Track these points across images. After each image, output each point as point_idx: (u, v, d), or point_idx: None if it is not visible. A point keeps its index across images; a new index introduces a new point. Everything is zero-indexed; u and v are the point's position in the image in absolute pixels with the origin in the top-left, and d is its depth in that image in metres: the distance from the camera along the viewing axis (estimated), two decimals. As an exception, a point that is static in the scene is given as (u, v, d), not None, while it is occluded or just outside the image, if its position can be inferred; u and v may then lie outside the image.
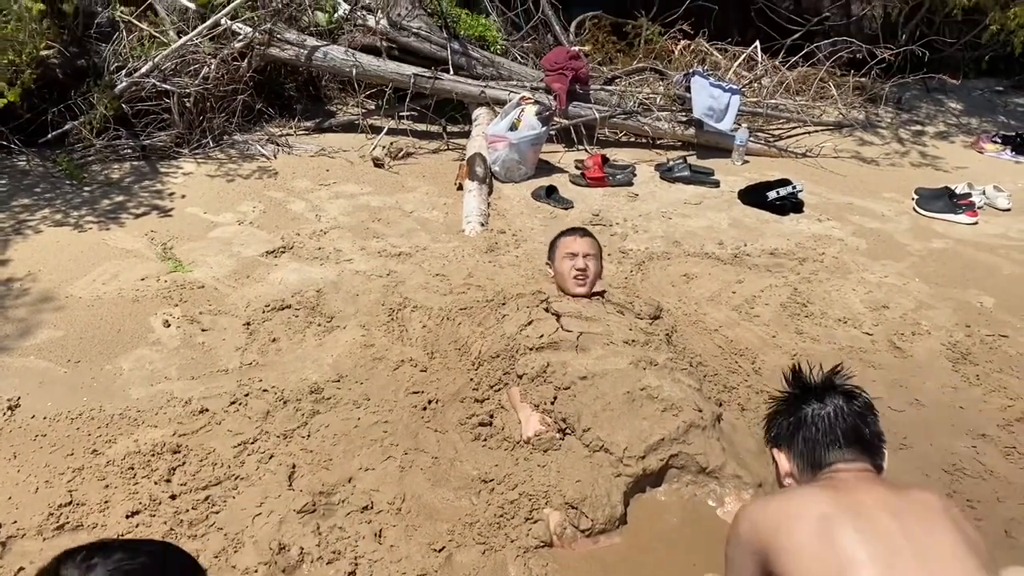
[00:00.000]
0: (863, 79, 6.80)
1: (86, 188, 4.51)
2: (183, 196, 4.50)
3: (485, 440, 2.68)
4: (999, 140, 6.42)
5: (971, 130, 6.87)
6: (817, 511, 1.53)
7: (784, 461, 1.75)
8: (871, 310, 3.78)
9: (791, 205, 4.92)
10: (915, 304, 3.87)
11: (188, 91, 5.01)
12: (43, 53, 4.64)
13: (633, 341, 2.90)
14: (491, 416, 2.76)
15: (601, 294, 3.20)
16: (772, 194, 4.91)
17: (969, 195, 5.08)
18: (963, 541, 1.47)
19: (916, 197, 5.15)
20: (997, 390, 3.21)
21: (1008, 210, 5.16)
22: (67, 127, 4.80)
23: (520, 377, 2.81)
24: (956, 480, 2.73)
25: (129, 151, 4.93)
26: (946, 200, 5.01)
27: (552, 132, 5.46)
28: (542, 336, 2.89)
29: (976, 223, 4.92)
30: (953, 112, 7.26)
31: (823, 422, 1.70)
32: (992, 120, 7.17)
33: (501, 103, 5.42)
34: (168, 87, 4.96)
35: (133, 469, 2.47)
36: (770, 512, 1.59)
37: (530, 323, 2.97)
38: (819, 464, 1.68)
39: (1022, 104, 7.64)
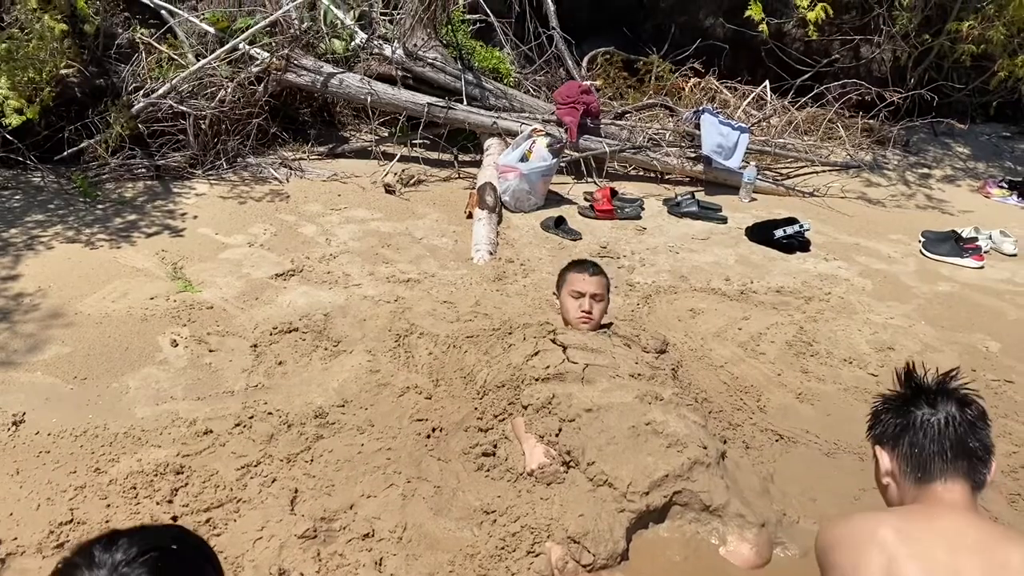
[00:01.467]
0: (871, 121, 6.86)
1: (99, 206, 4.55)
2: (195, 217, 4.53)
3: (488, 471, 2.67)
4: (1005, 185, 6.45)
5: (978, 175, 6.90)
6: (882, 536, 1.52)
7: (886, 460, 1.70)
8: (876, 351, 3.78)
9: (798, 244, 4.94)
10: (920, 347, 3.88)
11: (204, 113, 5.07)
12: (63, 72, 4.71)
13: (639, 375, 2.90)
14: (495, 446, 2.76)
15: (608, 326, 3.20)
16: (779, 232, 4.93)
17: (975, 239, 5.09)
18: None
19: (923, 240, 5.16)
20: (1002, 436, 3.20)
21: (1014, 255, 5.17)
22: (83, 145, 4.85)
23: (525, 408, 2.81)
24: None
25: (143, 171, 4.97)
26: (952, 244, 5.03)
27: (562, 164, 5.50)
28: (548, 367, 2.90)
29: (982, 267, 4.93)
30: (960, 156, 7.30)
31: (932, 429, 1.64)
32: (999, 165, 7.20)
33: (513, 134, 5.47)
34: (184, 109, 5.02)
35: (135, 488, 2.47)
36: (836, 534, 1.60)
37: (536, 353, 2.98)
38: (922, 473, 1.63)
39: (1029, 150, 7.68)
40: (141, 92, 5.07)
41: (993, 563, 1.47)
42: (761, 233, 5.02)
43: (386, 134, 5.95)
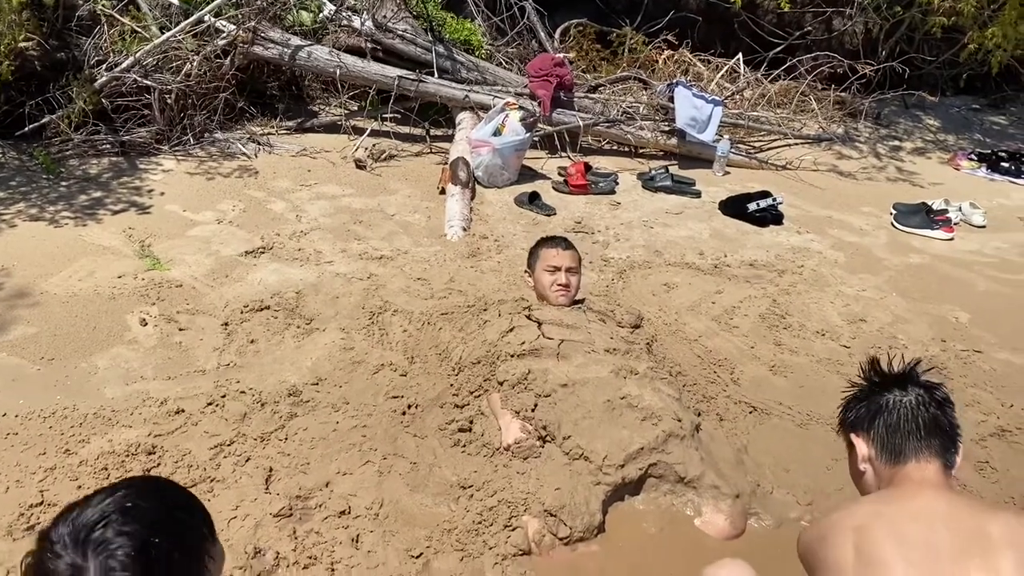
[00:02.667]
0: (843, 94, 6.87)
1: (63, 183, 4.45)
2: (162, 193, 4.45)
3: (465, 446, 2.66)
4: (975, 157, 6.51)
5: (948, 147, 6.96)
6: (857, 520, 1.56)
7: (863, 445, 1.73)
8: (848, 323, 3.82)
9: (771, 217, 4.96)
10: (892, 318, 3.92)
11: (169, 88, 4.96)
12: (21, 45, 4.58)
13: (614, 350, 2.90)
14: (471, 422, 2.75)
15: (581, 302, 3.20)
16: (752, 206, 4.94)
17: (946, 211, 5.14)
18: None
19: (894, 212, 5.21)
20: (971, 405, 3.25)
21: (983, 227, 5.23)
22: (45, 120, 4.73)
23: (501, 384, 2.80)
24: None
25: (108, 146, 4.86)
26: (923, 216, 5.07)
27: (536, 138, 5.47)
28: (523, 343, 2.89)
29: (952, 239, 4.98)
30: (931, 129, 7.36)
31: (905, 409, 1.69)
32: (968, 137, 7.27)
33: (485, 108, 5.42)
34: (149, 83, 4.91)
35: (107, 469, 2.43)
36: (814, 531, 1.64)
37: (511, 330, 2.97)
38: (897, 453, 1.67)
39: (998, 122, 7.77)
40: (104, 66, 4.95)
41: (966, 535, 1.49)
42: (735, 207, 5.04)
43: (356, 108, 5.88)
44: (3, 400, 2.73)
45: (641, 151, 5.95)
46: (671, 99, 5.82)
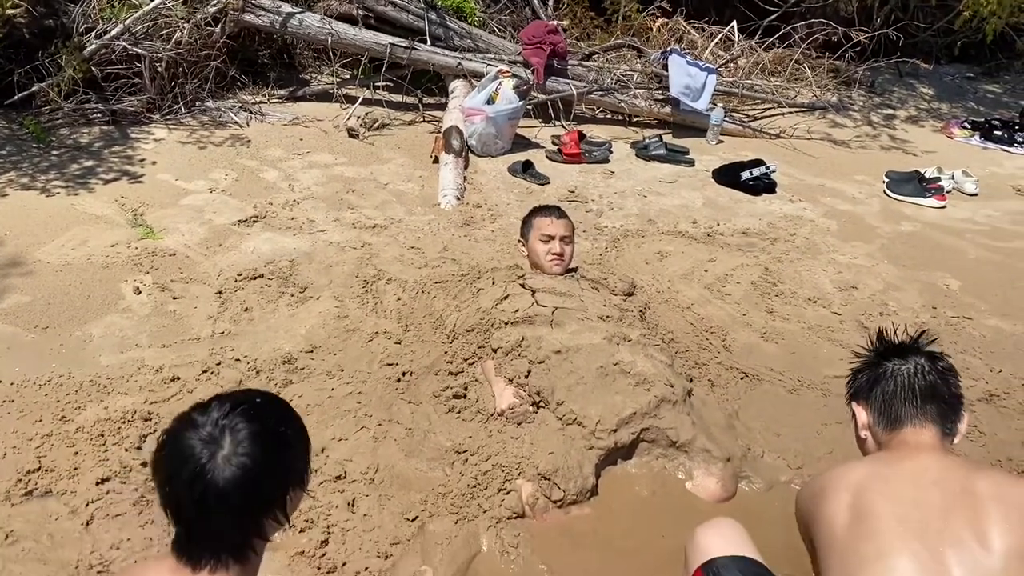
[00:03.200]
0: (838, 62, 6.85)
1: (54, 152, 4.42)
2: (154, 162, 4.43)
3: (459, 412, 2.69)
4: (968, 126, 6.51)
5: (941, 115, 6.96)
6: (851, 479, 1.58)
7: (862, 414, 1.77)
8: (840, 290, 3.84)
9: (764, 186, 4.96)
10: (883, 286, 3.94)
11: (160, 56, 4.92)
12: (9, 12, 4.52)
13: (607, 317, 2.92)
14: (465, 389, 2.77)
15: (574, 270, 3.21)
16: (745, 174, 4.94)
17: (938, 179, 5.15)
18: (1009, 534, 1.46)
19: (886, 180, 5.21)
20: (960, 370, 3.22)
21: (975, 195, 5.24)
22: (34, 89, 4.69)
23: (495, 351, 2.82)
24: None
25: (99, 115, 4.83)
26: (916, 184, 5.08)
27: (529, 107, 5.44)
28: (517, 311, 2.90)
29: (944, 207, 5.00)
30: (924, 97, 7.35)
31: (902, 376, 1.72)
32: (962, 106, 7.26)
33: (478, 76, 5.39)
34: (139, 51, 4.86)
35: (103, 436, 2.45)
36: (811, 487, 1.67)
37: (506, 298, 2.98)
38: (894, 419, 1.70)
39: (992, 91, 7.75)
40: (93, 33, 4.90)
41: (955, 492, 1.51)
42: (728, 175, 5.04)
43: (348, 76, 5.84)
44: (-1, 368, 2.74)
45: (635, 120, 5.93)
46: (665, 67, 5.80)
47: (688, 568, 1.78)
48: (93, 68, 4.81)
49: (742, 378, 3.11)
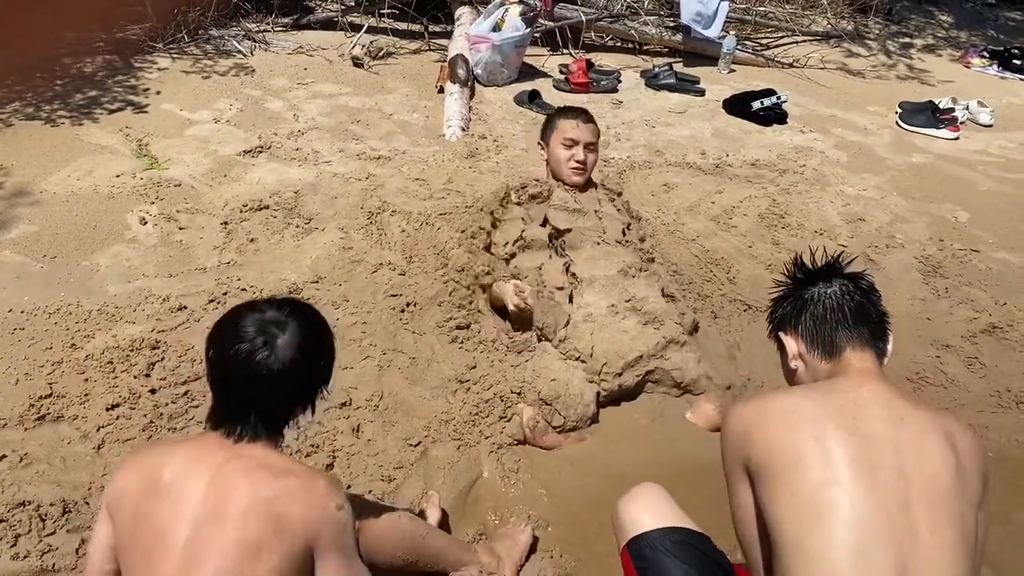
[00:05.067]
0: (855, -12, 6.68)
1: (58, 82, 4.39)
2: (158, 92, 4.39)
3: (462, 343, 2.71)
4: (987, 55, 6.36)
5: (960, 44, 6.79)
6: (805, 407, 1.48)
7: (792, 343, 1.67)
8: (847, 223, 3.82)
9: (775, 116, 4.89)
10: (891, 218, 3.91)
11: (161, -18, 4.84)
12: (7, -63, 4.45)
13: (626, 241, 2.84)
14: (468, 320, 2.78)
15: (594, 185, 3.07)
16: (756, 104, 4.87)
17: (952, 110, 5.06)
18: (954, 466, 1.41)
19: (899, 111, 5.13)
20: (964, 303, 3.29)
21: (990, 126, 5.16)
22: (35, 17, 4.63)
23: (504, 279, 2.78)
24: (919, 388, 2.82)
25: (101, 44, 4.78)
26: (929, 115, 5.00)
27: (536, 34, 5.34)
28: (526, 239, 2.84)
29: (957, 138, 4.92)
30: (943, 25, 7.17)
31: (831, 300, 1.62)
32: (981, 34, 7.09)
33: (485, 2, 5.28)
34: (140, -23, 4.79)
35: (112, 364, 2.49)
36: (753, 409, 1.53)
37: (519, 225, 2.90)
38: (829, 344, 1.61)
39: (1014, 18, 7.55)
40: (93, -41, 4.81)
41: (923, 433, 1.46)
42: (738, 105, 4.96)
43: (352, 3, 5.73)
44: (9, 296, 2.78)
45: (645, 48, 5.82)
46: (676, -7, 5.66)
47: (618, 546, 1.71)
48: (94, -5, 4.74)
49: (745, 310, 3.13)
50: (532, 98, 4.77)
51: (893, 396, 1.51)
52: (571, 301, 2.65)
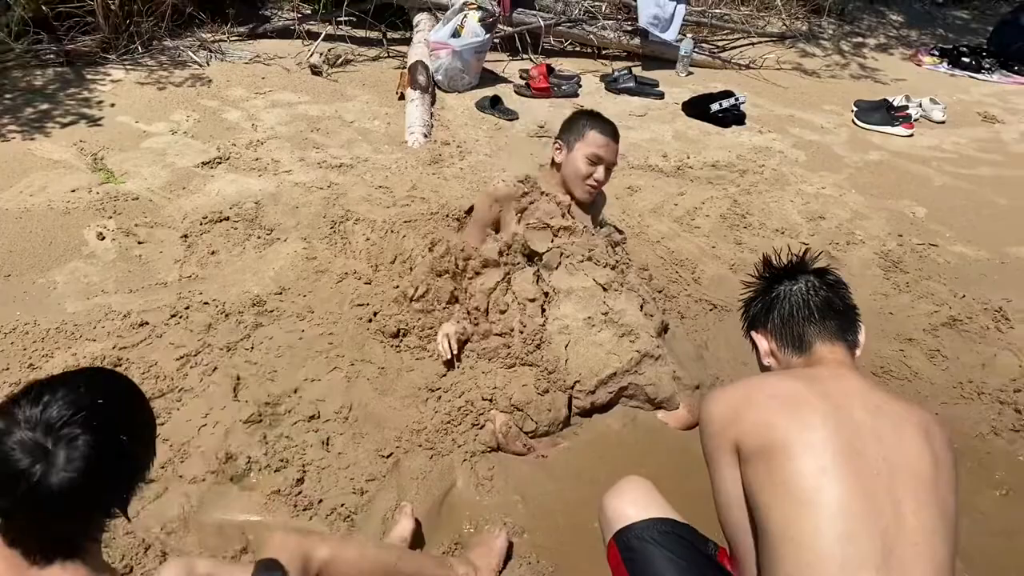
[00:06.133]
0: (807, -11, 6.78)
1: (7, 95, 4.28)
2: (112, 105, 4.31)
3: (432, 352, 2.69)
4: (936, 53, 6.50)
5: (911, 43, 6.94)
6: (789, 391, 1.51)
7: (763, 341, 1.71)
8: (808, 220, 3.87)
9: (733, 117, 4.94)
10: (850, 215, 3.97)
11: (112, -8, 4.74)
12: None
13: (616, 262, 2.77)
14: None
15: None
16: (715, 106, 4.92)
17: (906, 108, 5.16)
18: (930, 454, 1.45)
19: (855, 109, 5.22)
20: (925, 296, 3.34)
21: (943, 123, 5.27)
22: (-18, 30, 4.52)
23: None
24: (884, 382, 2.85)
25: (52, 57, 4.67)
26: (884, 112, 5.09)
27: (496, 40, 5.34)
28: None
29: (912, 135, 5.02)
30: (894, 24, 7.31)
31: (796, 297, 1.67)
32: (931, 33, 7.24)
33: (443, 8, 5.27)
34: (90, -12, 4.69)
35: (73, 383, 2.43)
36: (739, 393, 1.56)
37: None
38: (800, 339, 1.65)
39: (961, 17, 7.73)
40: (41, -30, 4.71)
41: (892, 408, 1.50)
42: (697, 107, 5.01)
43: (309, 12, 5.67)
44: (-39, 318, 2.70)
45: (604, 52, 5.85)
46: (633, -3, 5.70)
47: (604, 540, 1.72)
48: (43, 7, 4.63)
49: (711, 310, 3.15)
50: (494, 103, 4.77)
51: (868, 387, 1.55)
52: (543, 313, 2.62)
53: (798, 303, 1.67)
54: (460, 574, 1.92)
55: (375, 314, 2.83)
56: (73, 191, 3.47)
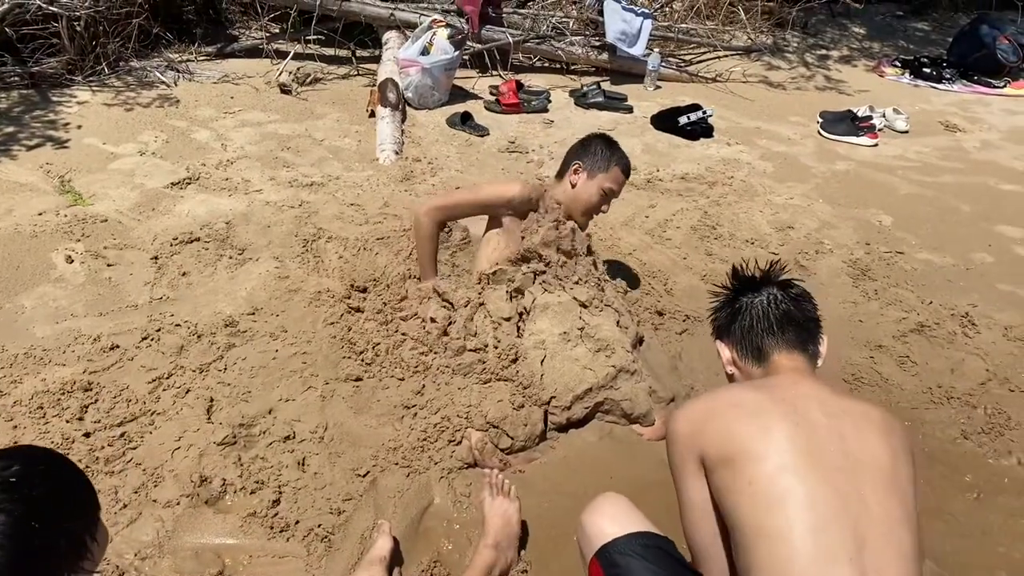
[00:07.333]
0: (771, 3, 6.89)
1: (-30, 119, 4.23)
2: (79, 126, 4.27)
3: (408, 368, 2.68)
4: (899, 64, 6.63)
5: (873, 54, 7.06)
6: (748, 400, 1.57)
7: (726, 350, 1.80)
8: (777, 231, 3.92)
9: (701, 130, 5.00)
10: (818, 224, 4.03)
11: (78, 14, 4.71)
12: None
13: (585, 281, 2.75)
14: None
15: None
16: (683, 119, 4.97)
17: (870, 118, 5.25)
18: (889, 449, 1.50)
19: (820, 120, 5.30)
20: (893, 304, 3.39)
21: (906, 132, 5.36)
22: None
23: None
24: (855, 389, 2.89)
25: (16, 79, 4.63)
26: (848, 123, 5.17)
27: (465, 57, 5.37)
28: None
29: (876, 145, 5.11)
30: (856, 37, 7.44)
31: (757, 309, 1.74)
32: (893, 44, 7.38)
33: (412, 26, 5.29)
34: (55, 10, 4.65)
35: (43, 408, 2.40)
36: (700, 407, 1.63)
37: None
38: (758, 350, 1.72)
39: (921, 29, 7.89)
40: (4, -8, 4.66)
41: (852, 410, 1.56)
42: (666, 121, 5.06)
43: (277, 31, 5.68)
44: (-74, 345, 2.65)
45: (573, 67, 5.90)
46: (601, 13, 5.76)
47: (584, 559, 1.73)
48: (7, 29, 4.59)
49: (684, 320, 3.17)
50: (464, 120, 4.79)
51: (825, 391, 1.61)
52: (519, 331, 2.62)
53: (758, 315, 1.75)
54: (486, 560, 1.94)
55: (349, 329, 2.82)
56: (40, 214, 3.43)
